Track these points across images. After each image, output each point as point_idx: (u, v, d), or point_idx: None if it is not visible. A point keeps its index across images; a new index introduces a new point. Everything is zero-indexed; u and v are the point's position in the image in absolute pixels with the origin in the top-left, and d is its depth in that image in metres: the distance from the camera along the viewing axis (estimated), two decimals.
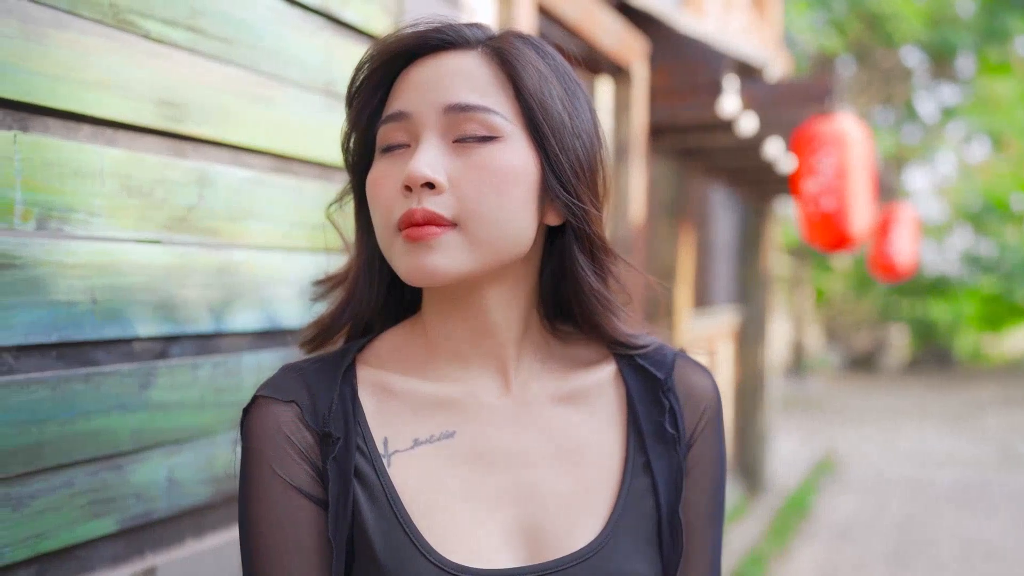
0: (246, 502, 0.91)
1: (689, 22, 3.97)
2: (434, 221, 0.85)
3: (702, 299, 6.89)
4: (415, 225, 0.85)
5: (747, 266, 7.21)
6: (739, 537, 5.97)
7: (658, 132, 4.30)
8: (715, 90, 3.86)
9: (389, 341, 0.99)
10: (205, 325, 1.41)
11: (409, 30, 0.92)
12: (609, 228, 3.56)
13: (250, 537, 0.90)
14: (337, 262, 1.12)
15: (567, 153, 0.91)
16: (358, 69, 0.94)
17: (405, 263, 0.87)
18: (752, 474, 7.16)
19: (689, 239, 5.44)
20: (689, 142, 4.76)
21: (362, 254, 0.99)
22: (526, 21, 2.80)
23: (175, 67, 1.34)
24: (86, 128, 1.22)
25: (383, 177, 0.90)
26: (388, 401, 0.94)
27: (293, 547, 0.89)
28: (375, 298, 1.00)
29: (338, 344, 1.02)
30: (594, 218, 0.93)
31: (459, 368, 0.95)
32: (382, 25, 1.83)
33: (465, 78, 0.89)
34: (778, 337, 16.84)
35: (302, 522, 0.90)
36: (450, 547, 0.87)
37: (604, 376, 0.97)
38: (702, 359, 5.68)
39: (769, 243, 7.30)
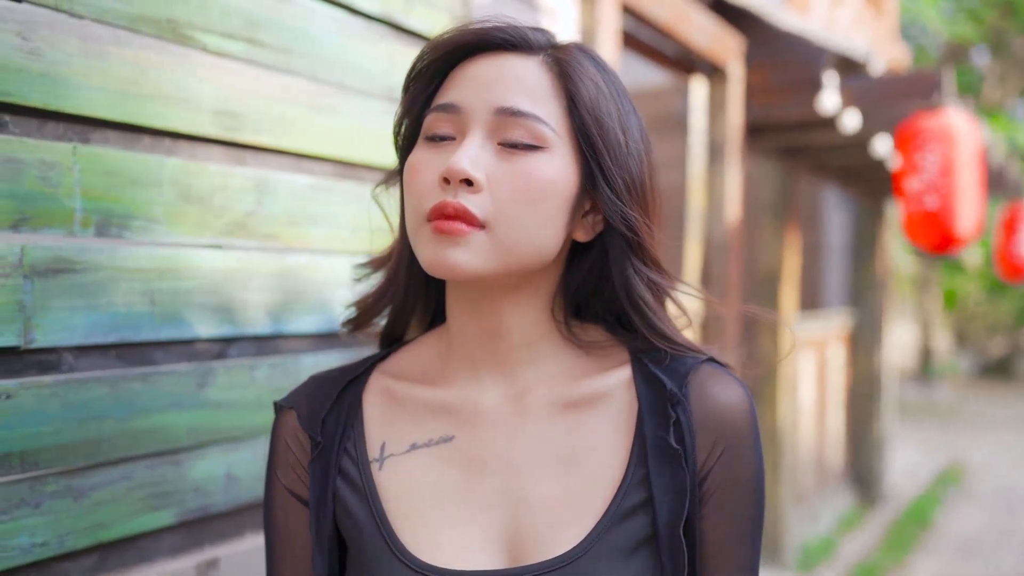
0: (263, 502, 1.02)
1: (787, 17, 3.87)
2: (464, 217, 0.86)
3: (812, 302, 6.70)
4: (446, 218, 0.86)
5: (861, 267, 6.96)
6: (851, 548, 5.78)
7: (757, 131, 4.20)
8: (814, 86, 3.75)
9: (413, 349, 1.03)
10: (264, 327, 1.46)
11: (475, 26, 0.93)
12: (705, 231, 3.48)
13: (264, 534, 0.99)
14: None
15: (621, 169, 0.91)
16: (419, 58, 0.96)
17: (429, 253, 0.88)
18: (867, 483, 6.91)
19: (795, 240, 5.29)
20: (791, 141, 4.64)
21: (404, 236, 1.01)
22: (610, 21, 2.78)
23: (233, 78, 1.39)
24: (146, 139, 1.28)
25: (423, 164, 0.90)
26: (393, 407, 0.98)
27: (288, 545, 0.99)
28: (415, 281, 1.02)
29: (378, 327, 1.06)
30: (646, 232, 0.93)
31: (470, 373, 0.96)
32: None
33: (521, 83, 0.89)
34: (902, 341, 16.18)
35: (295, 522, 0.98)
36: (425, 548, 0.90)
37: (617, 385, 0.95)
38: (807, 362, 5.49)
39: (884, 243, 7.04)
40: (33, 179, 1.13)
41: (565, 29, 2.68)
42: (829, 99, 3.81)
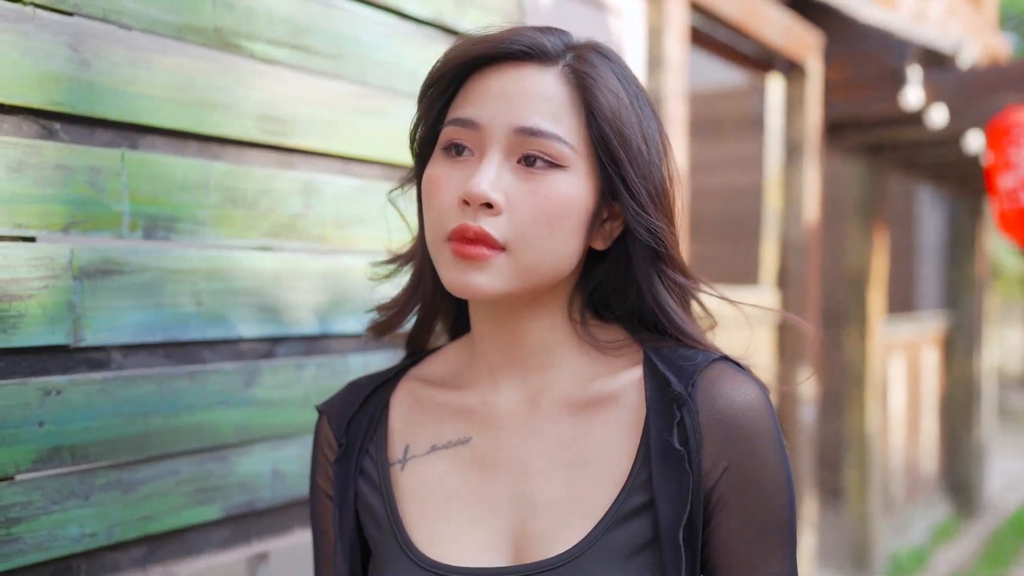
0: (309, 501, 1.08)
1: (868, 10, 3.76)
2: (485, 241, 0.87)
3: (905, 303, 6.49)
4: (467, 242, 0.87)
5: (958, 268, 6.71)
6: (946, 559, 5.57)
7: (838, 128, 4.09)
8: (897, 81, 3.64)
9: (442, 354, 1.06)
10: (311, 327, 1.49)
11: (492, 35, 0.92)
12: (782, 232, 3.44)
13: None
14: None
15: (645, 181, 0.91)
16: (436, 65, 0.95)
17: (450, 276, 0.89)
18: (963, 492, 6.65)
19: (884, 240, 5.14)
20: (876, 137, 4.50)
21: (425, 241, 1.01)
22: (678, 20, 2.75)
23: (281, 84, 1.43)
24: (193, 144, 1.32)
25: (442, 179, 0.91)
26: (418, 410, 1.01)
27: (325, 542, 1.04)
28: (440, 284, 1.02)
29: (406, 327, 1.08)
30: (671, 239, 0.93)
31: (489, 377, 0.98)
32: None
33: (541, 101, 0.89)
34: (1008, 344, 15.50)
35: (328, 519, 1.03)
36: (434, 546, 0.92)
37: (628, 385, 0.94)
38: (898, 366, 5.31)
39: (983, 242, 6.77)
40: (82, 184, 1.18)
41: (631, 28, 2.66)
42: (913, 94, 3.69)
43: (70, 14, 1.17)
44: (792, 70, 3.62)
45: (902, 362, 5.66)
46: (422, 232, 1.02)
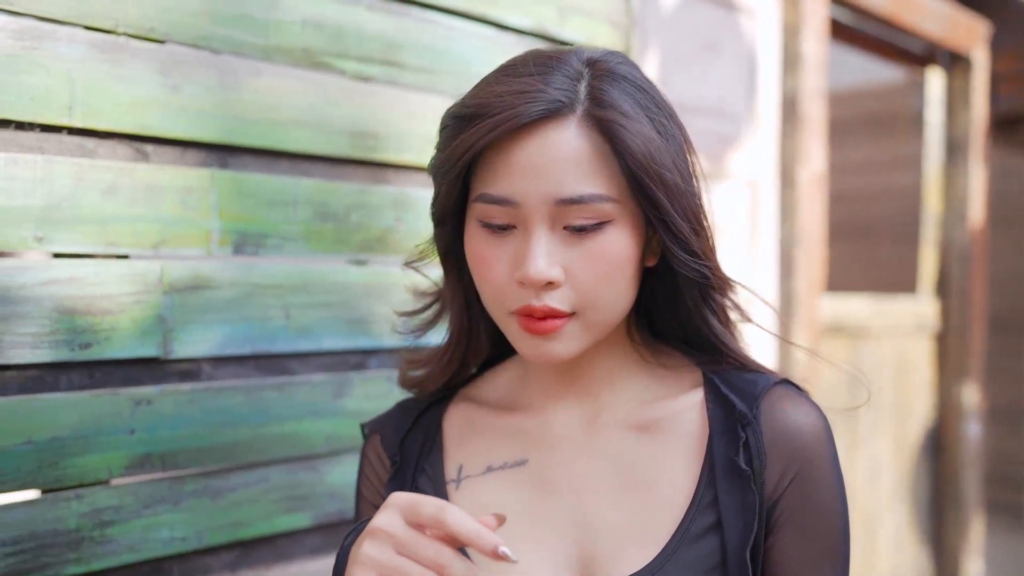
0: (354, 515, 1.08)
1: None
2: (554, 315, 0.86)
3: None
4: (536, 320, 0.87)
5: None
6: None
7: (1011, 123, 3.79)
8: None
9: (493, 375, 1.05)
10: (405, 338, 1.50)
11: (496, 98, 0.85)
12: (945, 234, 3.22)
13: None
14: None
15: (685, 213, 0.88)
16: (452, 151, 0.88)
17: (527, 349, 0.89)
18: None
19: None
20: None
21: (458, 296, 1.00)
22: (817, 16, 2.63)
23: (373, 100, 1.45)
24: (283, 162, 1.36)
25: (491, 256, 0.88)
26: (471, 431, 1.00)
27: None
28: (488, 325, 1.02)
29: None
30: (716, 266, 0.92)
31: (545, 399, 0.97)
32: (609, 41, 1.83)
33: (572, 164, 0.85)
34: None
35: None
36: (493, 566, 0.90)
37: (688, 407, 0.94)
38: None
39: None
40: (173, 203, 1.24)
41: (765, 27, 2.55)
42: None
43: (161, 42, 1.23)
44: (955, 63, 3.38)
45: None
46: (451, 286, 1.00)
